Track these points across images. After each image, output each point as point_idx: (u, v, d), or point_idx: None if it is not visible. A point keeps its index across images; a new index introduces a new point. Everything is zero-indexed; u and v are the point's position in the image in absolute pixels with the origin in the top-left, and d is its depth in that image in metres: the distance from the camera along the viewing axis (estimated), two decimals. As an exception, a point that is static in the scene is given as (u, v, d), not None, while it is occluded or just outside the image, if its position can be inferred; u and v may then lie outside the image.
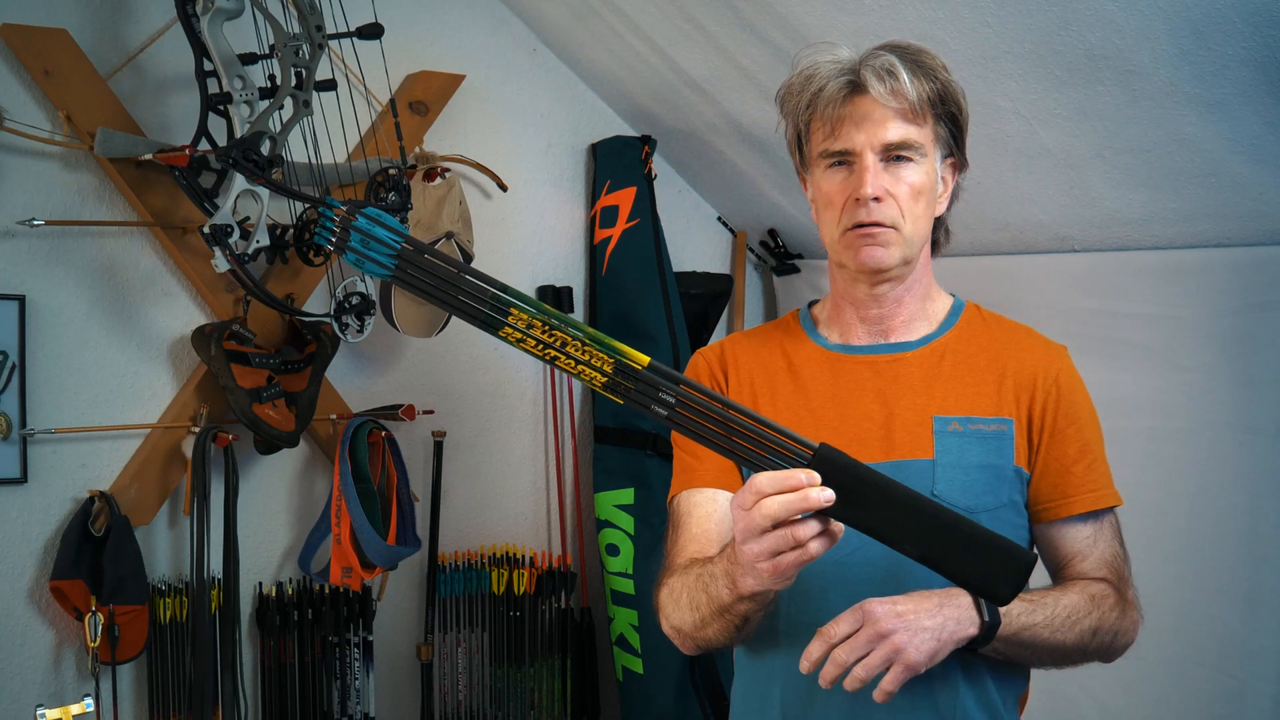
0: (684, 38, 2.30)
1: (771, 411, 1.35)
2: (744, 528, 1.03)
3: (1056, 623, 1.22)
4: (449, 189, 2.30)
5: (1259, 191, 1.84)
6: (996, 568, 1.00)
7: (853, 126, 1.27)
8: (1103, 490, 1.32)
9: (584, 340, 1.05)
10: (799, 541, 1.01)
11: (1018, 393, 1.31)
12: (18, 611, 1.99)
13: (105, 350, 2.09)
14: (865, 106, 1.27)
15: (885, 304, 1.35)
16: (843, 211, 1.29)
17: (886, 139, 1.26)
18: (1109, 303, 2.12)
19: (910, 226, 1.29)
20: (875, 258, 1.28)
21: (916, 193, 1.28)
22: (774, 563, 1.03)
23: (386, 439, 2.30)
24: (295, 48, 1.94)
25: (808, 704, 1.29)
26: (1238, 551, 1.94)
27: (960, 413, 1.30)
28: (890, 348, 1.35)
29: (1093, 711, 2.14)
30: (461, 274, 1.07)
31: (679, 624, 1.28)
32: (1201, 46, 1.63)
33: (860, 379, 1.34)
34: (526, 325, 1.07)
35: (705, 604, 1.21)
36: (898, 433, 1.30)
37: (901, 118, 1.26)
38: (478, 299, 1.07)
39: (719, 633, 1.23)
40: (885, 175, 1.27)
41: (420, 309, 2.27)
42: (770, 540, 1.01)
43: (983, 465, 1.28)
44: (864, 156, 1.27)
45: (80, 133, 1.98)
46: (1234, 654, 1.94)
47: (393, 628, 2.45)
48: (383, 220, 1.07)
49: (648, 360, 1.04)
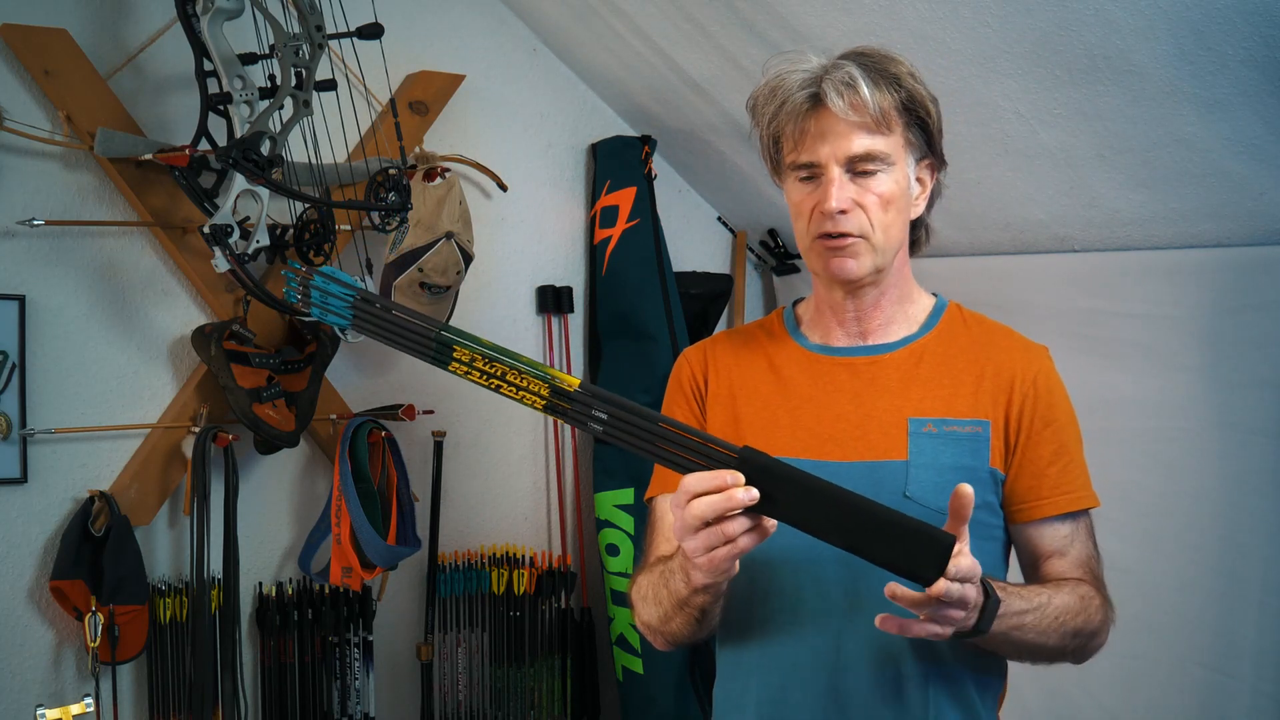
0: (684, 38, 2.30)
1: (750, 412, 1.38)
2: (679, 526, 1.09)
3: (1044, 624, 1.23)
4: (449, 189, 2.30)
5: (1259, 191, 1.84)
6: (918, 552, 1.05)
7: (817, 139, 1.28)
8: (1079, 492, 1.33)
9: (521, 369, 1.14)
10: (729, 537, 1.07)
11: (995, 394, 1.32)
12: (18, 611, 2.00)
13: (105, 350, 2.09)
14: (828, 120, 1.27)
15: (862, 307, 1.36)
16: (810, 221, 1.30)
17: (851, 152, 1.26)
18: (1109, 303, 2.12)
19: (881, 235, 1.29)
20: (845, 269, 1.30)
21: (886, 202, 1.28)
22: (708, 557, 1.09)
23: (386, 439, 2.30)
24: (295, 48, 1.93)
25: (781, 699, 1.31)
26: (1236, 551, 1.94)
27: (936, 414, 1.31)
28: (868, 350, 1.37)
29: (1092, 711, 2.14)
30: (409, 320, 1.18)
31: (648, 619, 1.33)
32: (1201, 46, 1.63)
33: (838, 380, 1.36)
34: (470, 360, 1.16)
35: (666, 599, 1.27)
36: (872, 434, 1.31)
37: (865, 130, 1.26)
38: (425, 339, 1.17)
39: (681, 626, 1.29)
40: (852, 186, 1.27)
41: (420, 308, 2.27)
42: (703, 537, 1.08)
43: (957, 467, 1.29)
44: (829, 169, 1.27)
45: (80, 133, 1.98)
46: (1233, 653, 1.94)
47: (393, 628, 2.45)
48: (336, 277, 1.21)
49: (578, 382, 1.13)
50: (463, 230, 2.29)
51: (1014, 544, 1.37)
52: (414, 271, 2.21)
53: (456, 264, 2.26)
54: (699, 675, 2.57)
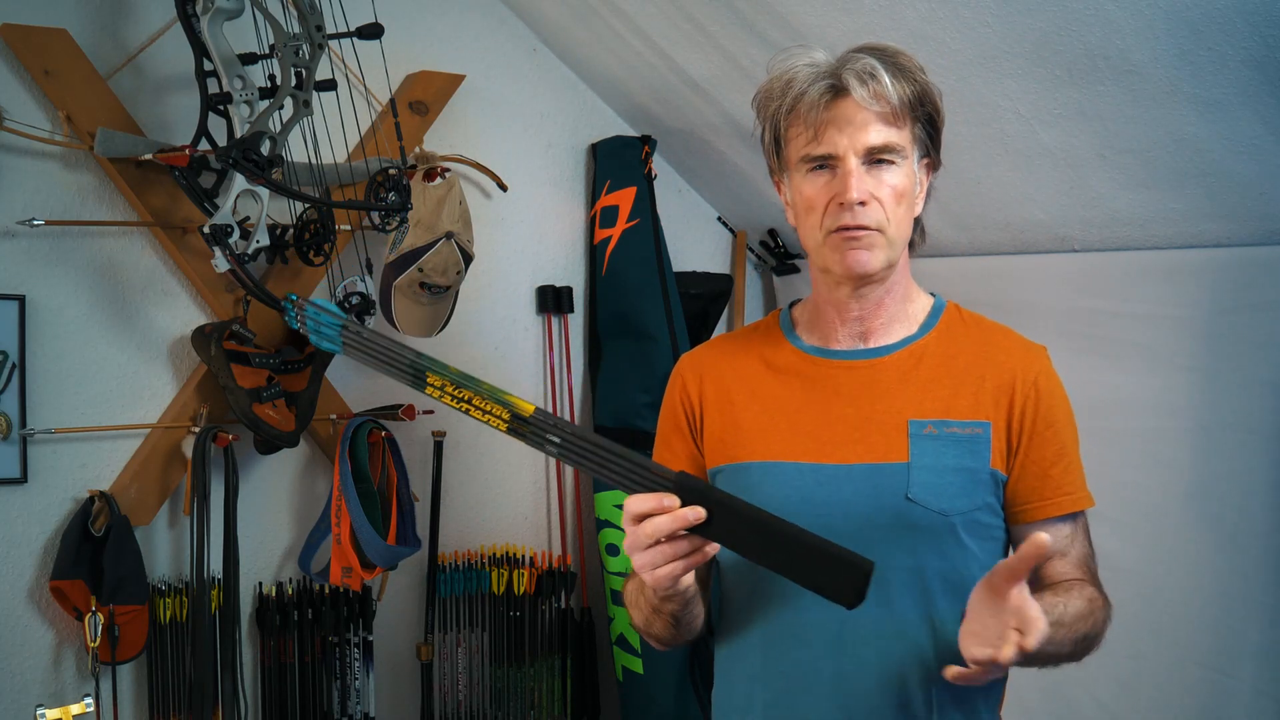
0: (684, 38, 2.30)
1: (748, 418, 1.38)
2: (628, 543, 1.16)
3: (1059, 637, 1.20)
4: (449, 189, 2.30)
5: (1259, 191, 1.84)
6: (839, 578, 1.10)
7: (835, 130, 1.27)
8: (1078, 493, 1.33)
9: (483, 395, 1.25)
10: (676, 555, 1.14)
11: (996, 395, 1.32)
12: (18, 611, 2.00)
13: (105, 350, 2.09)
14: (847, 110, 1.27)
15: (867, 306, 1.35)
16: (825, 215, 1.29)
17: (869, 142, 1.26)
18: (1109, 303, 2.12)
19: (894, 229, 1.29)
20: (861, 262, 1.29)
21: (899, 195, 1.28)
22: (653, 574, 1.16)
23: (386, 439, 2.30)
24: (295, 48, 1.93)
25: (788, 703, 1.31)
26: (1236, 551, 1.94)
27: (936, 416, 1.31)
28: (868, 353, 1.36)
29: (1092, 711, 2.14)
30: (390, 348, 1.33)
31: (636, 622, 1.39)
32: (1201, 46, 1.63)
33: (837, 383, 1.35)
34: (440, 385, 1.29)
35: (644, 604, 1.32)
36: (873, 436, 1.31)
37: (883, 121, 1.26)
38: (404, 365, 1.31)
39: (662, 630, 1.34)
40: (868, 179, 1.27)
41: (421, 309, 2.27)
42: (651, 554, 1.14)
43: (958, 468, 1.29)
44: (847, 160, 1.27)
45: (80, 133, 1.98)
46: (1232, 653, 1.94)
47: (393, 628, 2.45)
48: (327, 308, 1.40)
49: (533, 409, 1.23)
50: (463, 230, 2.29)
51: (1015, 545, 1.37)
52: (414, 271, 2.21)
53: (456, 264, 2.26)
54: (699, 675, 2.57)
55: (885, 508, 1.28)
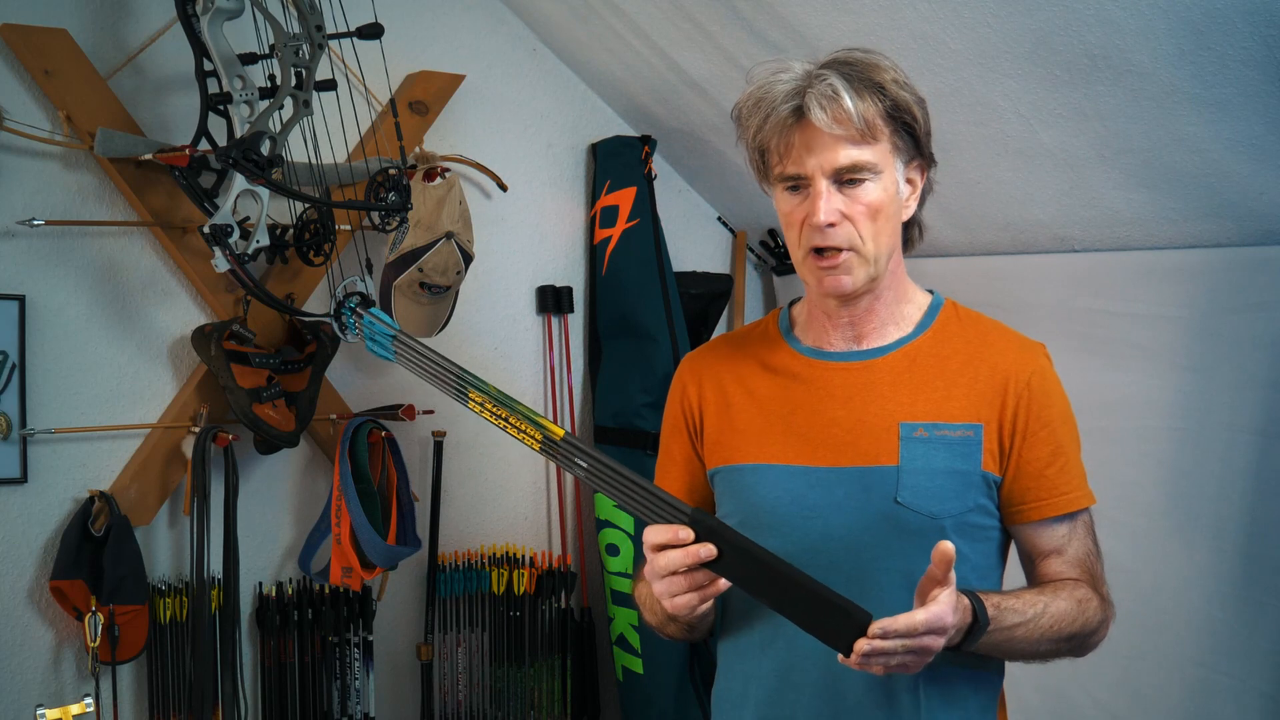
0: (684, 38, 2.30)
1: (745, 420, 1.39)
2: (648, 570, 1.22)
3: (1035, 634, 1.24)
4: (449, 189, 2.30)
5: (1259, 191, 1.84)
6: (835, 626, 1.14)
7: (803, 151, 1.26)
8: (1076, 493, 1.33)
9: (519, 415, 1.36)
10: (691, 587, 1.19)
11: (990, 396, 1.31)
12: (18, 611, 2.00)
13: (105, 350, 2.09)
14: (813, 132, 1.25)
15: (857, 312, 1.35)
16: (800, 233, 1.30)
17: (837, 163, 1.25)
18: (1109, 303, 2.12)
19: (871, 245, 1.28)
20: (839, 286, 1.30)
21: (874, 211, 1.27)
22: (672, 602, 1.21)
23: (386, 439, 2.30)
24: (295, 48, 1.93)
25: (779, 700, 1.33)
26: (1236, 551, 1.94)
27: (928, 418, 1.30)
28: (862, 354, 1.36)
29: (1092, 711, 2.14)
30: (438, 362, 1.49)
31: (650, 623, 1.42)
32: (1201, 46, 1.63)
33: (831, 386, 1.35)
34: (482, 402, 1.41)
35: (660, 610, 1.34)
36: (864, 439, 1.31)
37: (850, 142, 1.25)
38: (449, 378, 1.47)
39: (676, 633, 1.38)
40: (839, 197, 1.26)
41: (421, 308, 2.27)
42: (668, 583, 1.20)
43: (949, 471, 1.29)
44: (817, 181, 1.26)
45: (80, 133, 1.98)
46: (1232, 653, 1.94)
47: (393, 628, 2.46)
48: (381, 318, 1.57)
49: (563, 433, 1.32)
50: (463, 230, 2.29)
51: (1014, 542, 1.37)
52: (414, 271, 2.21)
53: (456, 264, 2.26)
54: (699, 675, 2.57)
55: (875, 511, 1.28)
